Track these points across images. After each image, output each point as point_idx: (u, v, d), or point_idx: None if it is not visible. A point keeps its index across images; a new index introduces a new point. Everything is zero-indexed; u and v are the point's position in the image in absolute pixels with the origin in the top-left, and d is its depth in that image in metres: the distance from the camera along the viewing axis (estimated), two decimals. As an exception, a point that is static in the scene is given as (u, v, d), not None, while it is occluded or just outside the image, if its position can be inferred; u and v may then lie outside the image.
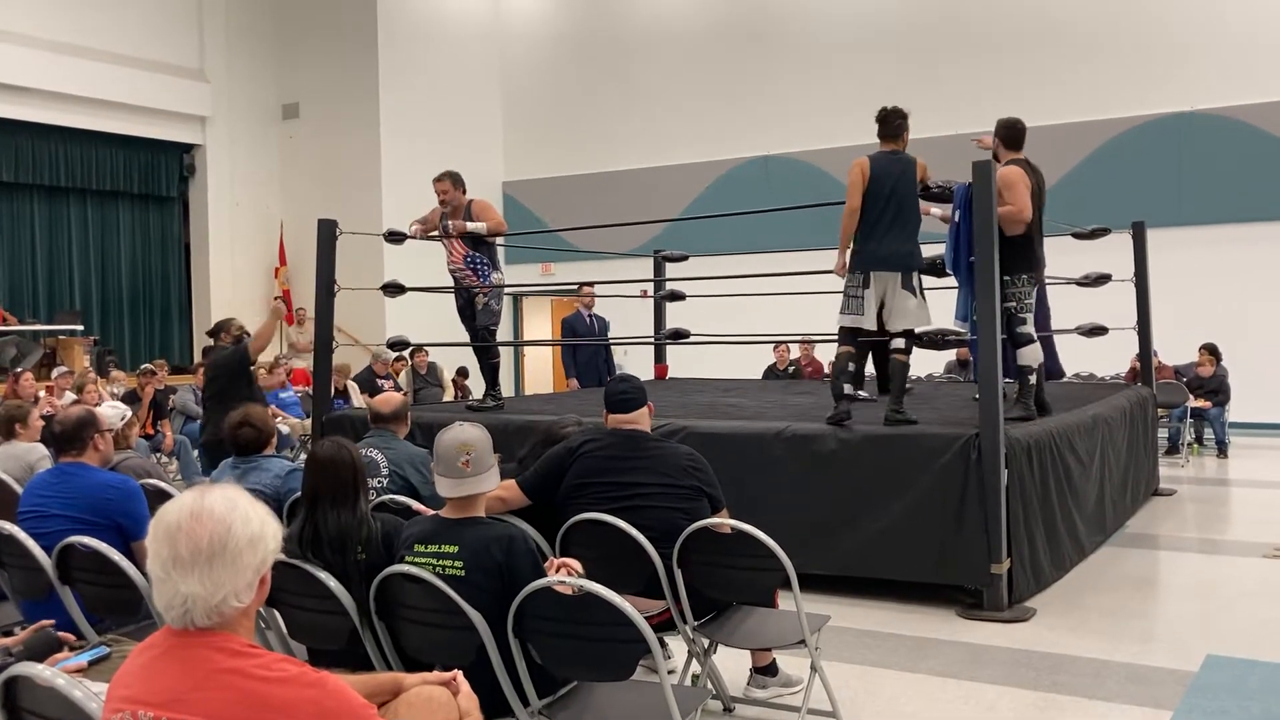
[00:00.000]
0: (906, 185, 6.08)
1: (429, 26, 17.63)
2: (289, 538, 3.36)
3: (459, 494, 3.22)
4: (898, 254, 6.04)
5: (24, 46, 14.33)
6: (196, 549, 1.84)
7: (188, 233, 17.44)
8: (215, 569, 1.84)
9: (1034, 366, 6.51)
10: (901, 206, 6.04)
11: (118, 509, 4.12)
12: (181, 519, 1.87)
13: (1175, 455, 11.44)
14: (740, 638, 3.98)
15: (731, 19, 16.86)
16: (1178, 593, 6.29)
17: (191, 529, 1.85)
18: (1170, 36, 13.93)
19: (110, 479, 4.27)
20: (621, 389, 4.23)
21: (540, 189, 18.27)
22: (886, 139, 6.19)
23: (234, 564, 1.85)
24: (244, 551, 1.86)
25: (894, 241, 6.03)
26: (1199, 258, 13.37)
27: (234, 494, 1.94)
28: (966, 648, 5.10)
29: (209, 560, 1.84)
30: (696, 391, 9.49)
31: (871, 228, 6.05)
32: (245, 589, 1.88)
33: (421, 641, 3.23)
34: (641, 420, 4.18)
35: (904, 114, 6.20)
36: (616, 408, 4.19)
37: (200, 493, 1.93)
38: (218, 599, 1.84)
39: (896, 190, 6.04)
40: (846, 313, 6.16)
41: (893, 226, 6.03)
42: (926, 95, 15.11)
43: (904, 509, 5.78)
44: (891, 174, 6.05)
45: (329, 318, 7.91)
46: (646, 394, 4.26)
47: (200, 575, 1.83)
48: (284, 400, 12.36)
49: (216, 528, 1.86)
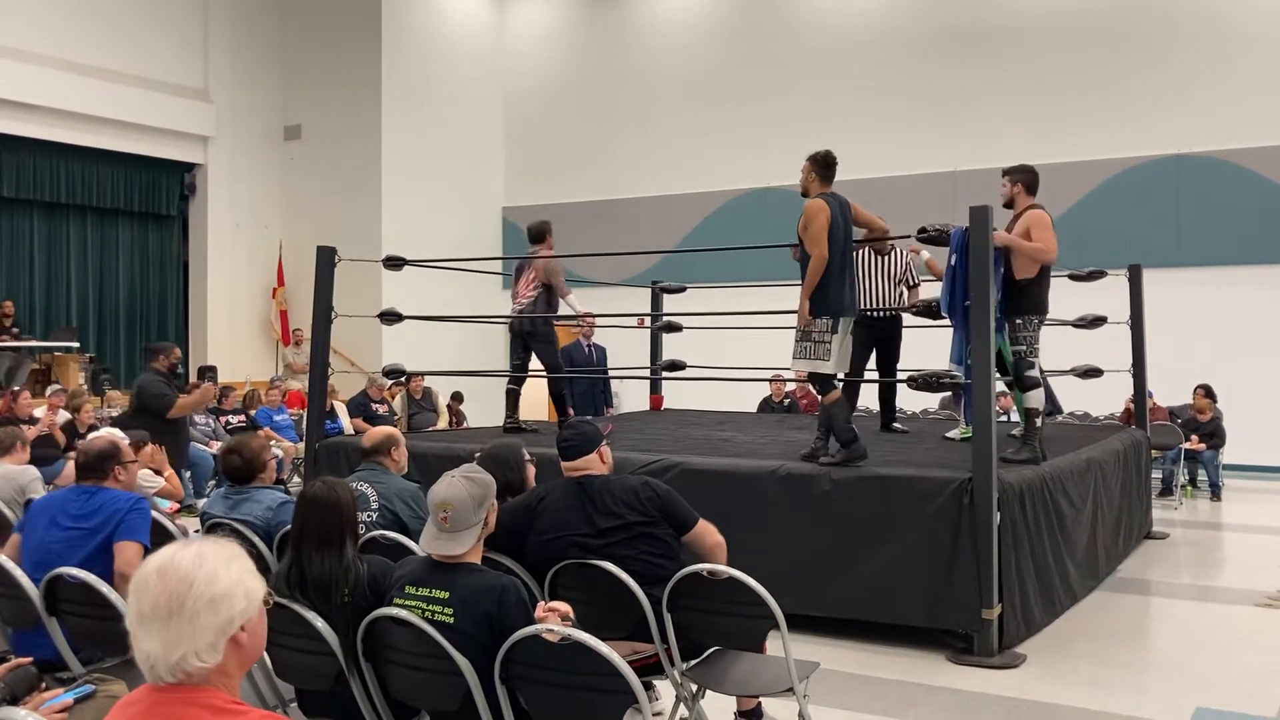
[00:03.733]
0: (849, 227, 6.26)
1: (433, 52, 17.72)
2: (276, 576, 3.35)
3: (436, 551, 3.21)
4: (853, 299, 6.30)
5: (28, 63, 14.38)
6: (155, 606, 1.82)
7: (187, 252, 17.45)
8: (171, 628, 1.82)
9: (1040, 410, 6.54)
10: (846, 249, 6.23)
11: (121, 512, 4.17)
12: (149, 575, 1.85)
13: (1169, 497, 11.43)
14: (729, 684, 3.96)
15: (733, 51, 16.96)
16: (1169, 641, 6.27)
17: (154, 586, 1.84)
18: (1167, 78, 14.03)
19: (127, 495, 4.33)
20: (566, 436, 4.19)
21: (540, 215, 18.23)
22: (827, 181, 6.28)
23: (190, 623, 1.83)
24: (202, 611, 1.83)
25: (850, 286, 6.26)
26: (1195, 299, 13.41)
27: (210, 550, 1.91)
28: (956, 694, 5.08)
29: (166, 619, 1.82)
30: (691, 424, 9.49)
31: (837, 273, 6.13)
32: (207, 649, 1.84)
33: (408, 685, 3.21)
34: (592, 465, 4.13)
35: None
36: (564, 455, 4.16)
37: (177, 548, 1.91)
38: (175, 658, 1.82)
39: (846, 233, 6.22)
40: (811, 358, 6.15)
41: (844, 270, 6.20)
42: (925, 133, 15.25)
43: (896, 552, 5.77)
44: (842, 216, 6.19)
45: (325, 345, 7.90)
46: (597, 437, 4.19)
47: (158, 633, 1.82)
48: (279, 424, 12.34)
49: (178, 586, 1.83)
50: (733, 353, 10.22)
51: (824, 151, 6.29)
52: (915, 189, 14.59)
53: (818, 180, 6.26)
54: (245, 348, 17.33)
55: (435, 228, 16.81)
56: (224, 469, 5.05)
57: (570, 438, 4.17)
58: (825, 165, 6.25)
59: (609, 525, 3.94)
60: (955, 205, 7.89)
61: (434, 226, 16.85)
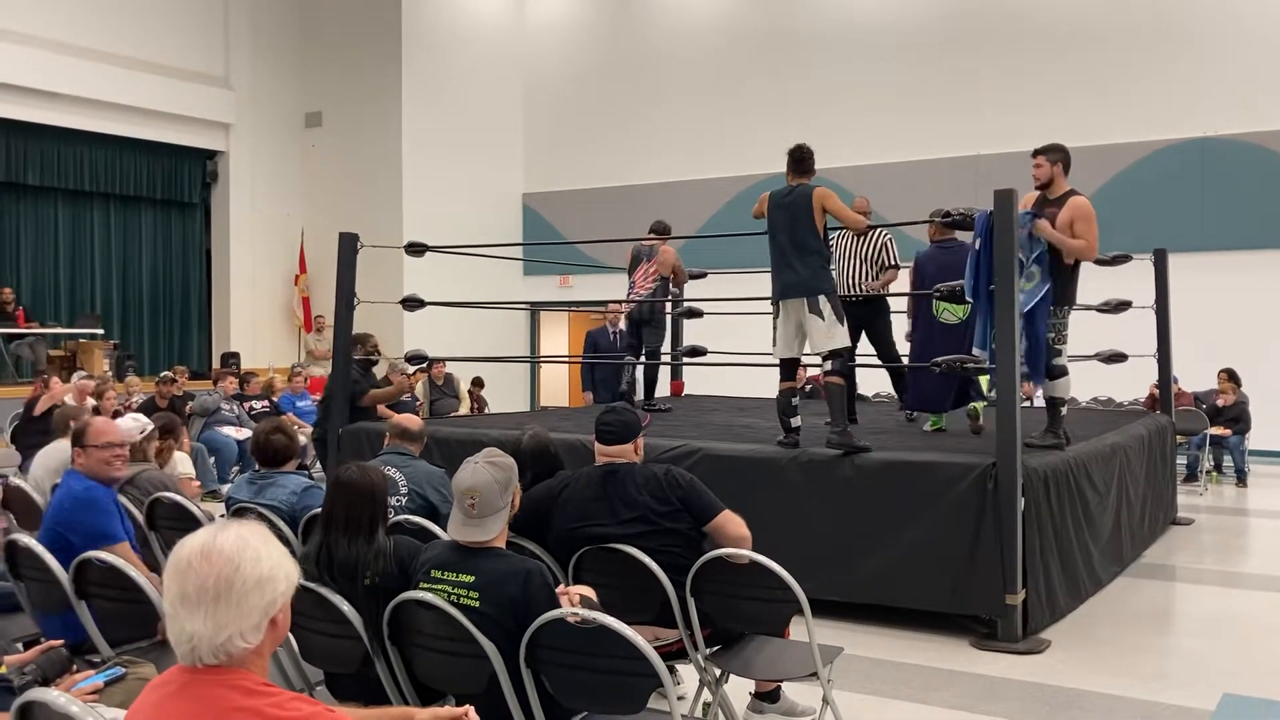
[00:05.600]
0: (783, 217, 6.33)
1: (453, 38, 17.72)
2: (304, 558, 3.37)
3: (463, 537, 3.21)
4: (790, 284, 6.31)
5: (52, 52, 14.47)
6: (203, 588, 1.84)
7: (209, 239, 17.57)
8: (220, 609, 1.84)
9: (1066, 399, 6.51)
10: (778, 237, 6.31)
11: (67, 520, 4.17)
12: (191, 557, 1.87)
13: (1194, 483, 11.36)
14: (753, 669, 3.96)
15: (754, 34, 16.89)
16: (1194, 627, 6.23)
17: (200, 568, 1.86)
18: (1191, 61, 13.88)
19: (74, 488, 4.30)
20: (608, 420, 4.17)
21: (560, 201, 18.33)
22: (796, 174, 6.38)
23: (239, 605, 1.85)
24: (250, 593, 1.86)
25: (782, 272, 6.33)
26: (1220, 283, 13.29)
27: (249, 533, 1.94)
28: (980, 679, 5.07)
29: (214, 600, 1.84)
30: (711, 410, 9.49)
31: (773, 260, 6.38)
32: (252, 630, 1.87)
33: (434, 668, 3.23)
34: (626, 454, 4.10)
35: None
36: (602, 439, 4.14)
37: (215, 530, 1.93)
38: (222, 638, 1.85)
39: (780, 223, 6.34)
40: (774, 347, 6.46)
41: (777, 257, 6.32)
42: (947, 116, 15.14)
43: (919, 537, 5.75)
44: (779, 208, 6.34)
45: (348, 332, 7.93)
46: (637, 427, 4.17)
47: (205, 614, 1.84)
48: (301, 409, 12.40)
49: (224, 568, 1.86)
50: (754, 339, 10.18)
51: (794, 145, 6.44)
52: (938, 173, 14.50)
53: (789, 173, 6.41)
54: (267, 334, 17.44)
55: (455, 214, 16.83)
56: (264, 449, 5.00)
57: (612, 423, 4.15)
58: (793, 159, 6.40)
59: (630, 516, 3.93)
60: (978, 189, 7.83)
61: (454, 213, 16.88)
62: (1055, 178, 6.43)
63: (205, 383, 13.55)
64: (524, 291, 18.37)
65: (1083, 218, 6.21)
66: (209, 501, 9.79)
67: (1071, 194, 6.34)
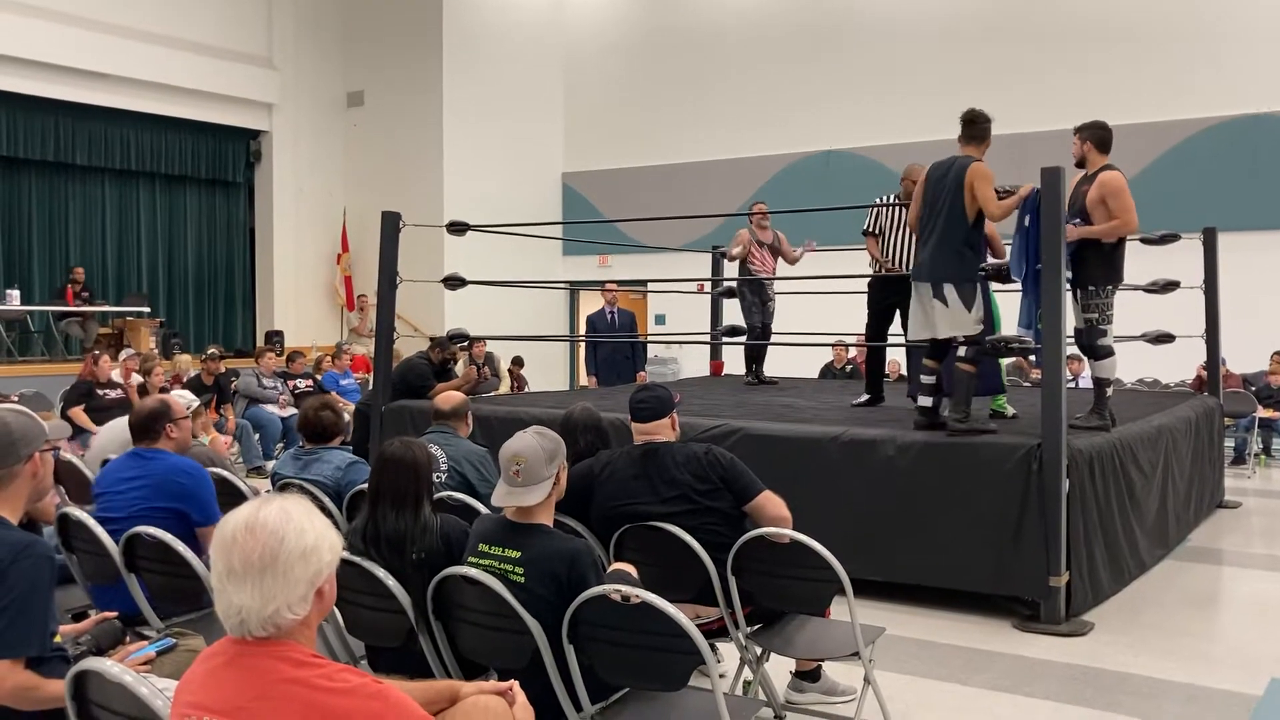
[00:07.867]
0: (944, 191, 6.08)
1: (493, 17, 17.71)
2: (352, 532, 3.41)
3: (508, 503, 3.23)
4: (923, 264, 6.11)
5: (98, 32, 14.63)
6: (248, 561, 1.87)
7: (253, 218, 17.73)
8: (266, 581, 1.87)
9: (1111, 379, 6.40)
10: (936, 215, 6.04)
11: (187, 494, 4.14)
12: (236, 531, 1.90)
13: (1241, 466, 11.20)
14: (794, 648, 3.96)
15: (795, 13, 16.73)
16: (1241, 611, 6.15)
17: (245, 541, 1.88)
18: (1245, 35, 13.58)
19: (183, 464, 4.26)
20: (641, 398, 4.18)
21: (600, 181, 18.30)
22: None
23: (285, 576, 1.88)
24: (295, 565, 1.89)
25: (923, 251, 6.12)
26: (1272, 262, 13.02)
27: (292, 506, 1.96)
28: (1022, 661, 5.04)
29: (260, 572, 1.87)
30: (751, 390, 9.46)
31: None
32: (299, 601, 1.90)
33: (477, 643, 3.26)
34: (661, 431, 4.11)
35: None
36: (637, 416, 4.15)
37: (259, 504, 1.96)
38: (269, 611, 1.87)
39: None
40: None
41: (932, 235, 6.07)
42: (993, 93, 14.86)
43: (962, 518, 5.72)
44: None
45: (390, 310, 7.98)
46: (670, 403, 4.17)
47: (252, 587, 1.87)
48: (344, 387, 12.52)
49: (269, 540, 1.88)
50: (795, 318, 10.14)
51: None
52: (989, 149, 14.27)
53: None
54: (310, 313, 17.60)
55: (496, 193, 16.86)
56: (312, 425, 5.05)
57: (646, 399, 4.16)
58: (962, 122, 6.39)
59: (671, 494, 3.94)
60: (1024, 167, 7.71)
61: (494, 192, 16.91)
62: (1088, 154, 6.32)
63: (248, 360, 13.70)
64: (563, 271, 18.39)
65: (1112, 192, 6.05)
66: (254, 477, 9.92)
67: (1102, 170, 6.21)
